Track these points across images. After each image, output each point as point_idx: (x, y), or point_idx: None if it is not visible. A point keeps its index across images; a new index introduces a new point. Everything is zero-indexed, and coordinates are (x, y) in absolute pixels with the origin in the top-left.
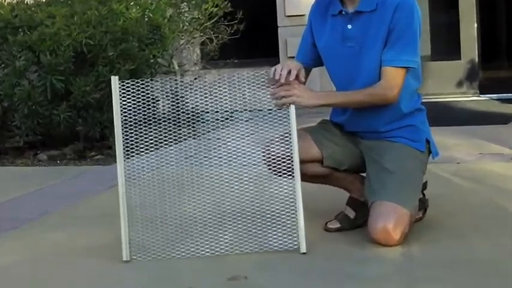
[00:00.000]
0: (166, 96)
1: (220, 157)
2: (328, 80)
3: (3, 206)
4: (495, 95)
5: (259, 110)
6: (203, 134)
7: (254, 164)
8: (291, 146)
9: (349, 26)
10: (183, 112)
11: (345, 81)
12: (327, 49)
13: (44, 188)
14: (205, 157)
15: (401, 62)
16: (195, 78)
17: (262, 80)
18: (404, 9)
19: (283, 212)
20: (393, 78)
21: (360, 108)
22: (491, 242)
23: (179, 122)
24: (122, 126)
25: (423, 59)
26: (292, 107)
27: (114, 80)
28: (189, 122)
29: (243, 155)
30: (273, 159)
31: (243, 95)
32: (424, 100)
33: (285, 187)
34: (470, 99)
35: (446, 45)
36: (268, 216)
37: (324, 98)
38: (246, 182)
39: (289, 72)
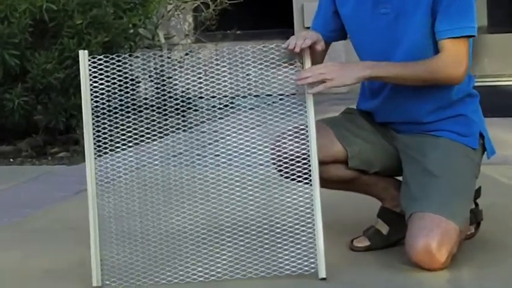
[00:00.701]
0: (150, 76)
1: (217, 155)
2: (355, 57)
3: None
4: None
5: (267, 96)
6: (196, 125)
7: (261, 165)
8: (307, 142)
9: None
10: (170, 97)
11: (376, 59)
12: (354, 17)
13: None
14: (198, 155)
15: (460, 31)
16: (186, 54)
17: (273, 56)
18: None
19: (297, 226)
20: (456, 52)
21: (399, 89)
22: None
23: (165, 110)
24: (93, 114)
25: (478, 31)
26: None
27: (83, 56)
28: (178, 110)
29: (247, 153)
30: (285, 158)
31: (247, 75)
32: (477, 84)
33: (300, 194)
34: None
35: (508, 13)
36: (278, 231)
37: (369, 67)
38: (250, 187)
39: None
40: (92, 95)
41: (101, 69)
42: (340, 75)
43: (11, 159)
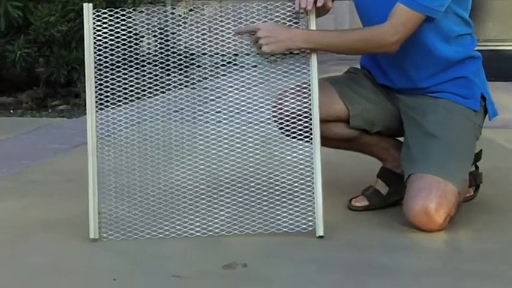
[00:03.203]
0: (153, 32)
1: (218, 112)
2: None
3: None
4: None
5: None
6: (198, 81)
7: (262, 122)
8: (309, 100)
9: None
10: (173, 53)
11: (376, 20)
12: None
13: None
14: (199, 111)
15: (417, 6)
16: (190, 10)
17: (277, 14)
18: None
19: (296, 185)
20: (401, 20)
21: (397, 55)
22: None
23: (168, 66)
24: (95, 68)
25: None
26: (314, 54)
27: (87, 9)
28: (180, 66)
29: (248, 110)
30: (286, 116)
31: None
32: (481, 48)
33: (300, 152)
34: None
35: None
36: (277, 188)
37: (304, 41)
38: (250, 145)
39: None
40: (95, 48)
41: (105, 23)
42: (274, 41)
43: (11, 111)
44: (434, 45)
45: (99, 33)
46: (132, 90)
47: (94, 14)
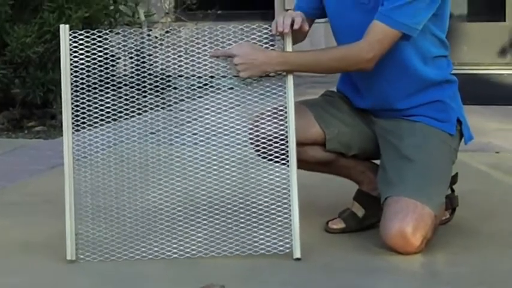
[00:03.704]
0: (129, 53)
1: (195, 134)
2: (334, 41)
3: None
4: None
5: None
6: (174, 103)
7: (238, 144)
8: (286, 123)
9: None
10: (149, 75)
11: (352, 40)
12: (334, 3)
13: None
14: (176, 133)
15: (395, 24)
16: (166, 32)
17: (253, 37)
18: None
19: (273, 207)
20: (377, 37)
21: (374, 76)
22: None
23: (144, 88)
24: (72, 89)
25: (457, 19)
26: (290, 75)
27: (64, 30)
28: (157, 88)
29: (225, 132)
30: (263, 139)
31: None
32: (457, 71)
33: (277, 175)
34: None
35: (487, 2)
36: (254, 210)
37: (280, 64)
38: (227, 167)
39: (293, 22)
40: (71, 69)
41: (81, 44)
42: (251, 67)
43: None
44: (412, 64)
45: (76, 54)
46: (108, 112)
47: (70, 35)
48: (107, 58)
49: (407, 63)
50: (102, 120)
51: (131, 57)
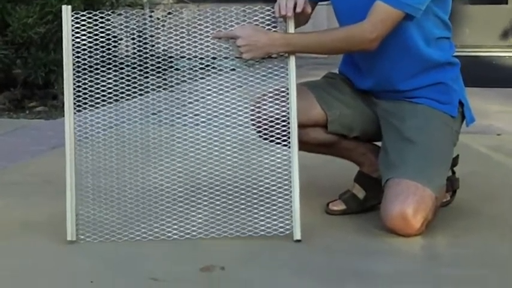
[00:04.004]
0: (131, 34)
1: (196, 115)
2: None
3: None
4: None
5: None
6: (176, 84)
7: (240, 126)
8: (287, 104)
9: None
10: (151, 56)
11: (354, 21)
12: None
13: None
14: (177, 114)
15: (394, 2)
16: (168, 14)
17: (256, 18)
18: None
19: (274, 188)
20: (380, 17)
21: (377, 57)
22: None
23: (146, 69)
24: (74, 70)
25: (459, 2)
26: (292, 57)
27: (66, 11)
28: (158, 68)
29: (226, 114)
30: (264, 120)
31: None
32: (459, 54)
33: (278, 156)
34: None
35: None
36: (254, 192)
37: (284, 45)
38: (228, 148)
39: (296, 5)
40: (73, 50)
41: (83, 25)
42: (254, 48)
43: None
44: (415, 44)
45: (78, 35)
46: (110, 93)
47: (72, 16)
48: (108, 39)
49: (410, 44)
50: (103, 101)
51: (133, 39)
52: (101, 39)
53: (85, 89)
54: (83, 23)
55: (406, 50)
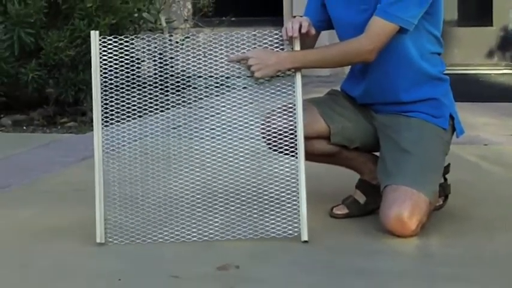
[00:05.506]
0: (152, 56)
1: (212, 128)
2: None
3: None
4: None
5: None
6: (194, 101)
7: (251, 138)
8: (294, 119)
9: None
10: (171, 76)
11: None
12: (338, 11)
13: (8, 158)
14: (195, 128)
15: (393, 18)
16: (186, 38)
17: (265, 41)
18: None
19: (283, 194)
20: (376, 31)
21: (380, 71)
22: None
23: (166, 87)
24: (101, 89)
25: (449, 24)
26: (298, 74)
27: (94, 36)
28: (177, 87)
29: (239, 127)
30: (273, 133)
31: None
32: (449, 71)
33: (287, 165)
34: (502, 72)
35: (476, 8)
36: (265, 198)
37: (290, 62)
38: (241, 158)
39: (301, 26)
40: (100, 71)
41: (110, 48)
42: (264, 67)
43: (24, 127)
44: (410, 56)
45: (104, 57)
46: (134, 109)
47: (100, 40)
48: (132, 61)
49: (406, 56)
50: (128, 116)
51: (154, 60)
52: (126, 61)
53: (111, 106)
54: (109, 46)
55: (403, 62)
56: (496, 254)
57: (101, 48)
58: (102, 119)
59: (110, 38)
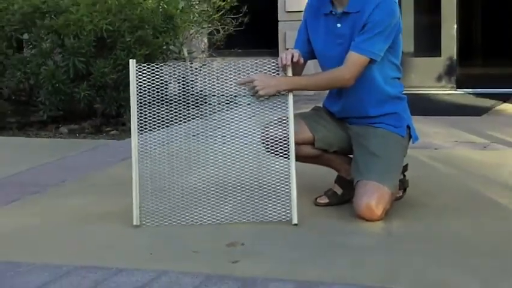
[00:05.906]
0: (177, 79)
1: (223, 136)
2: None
3: (27, 173)
4: (470, 89)
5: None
6: (209, 114)
7: (254, 143)
8: (287, 129)
9: (339, 25)
10: (191, 94)
11: (333, 66)
12: (320, 46)
13: (64, 158)
14: (210, 135)
15: (366, 52)
16: (203, 65)
17: (265, 67)
18: (382, 7)
19: (278, 187)
20: (352, 63)
21: (353, 93)
22: (469, 221)
23: (187, 104)
24: (137, 104)
25: (407, 55)
26: (291, 94)
27: (132, 63)
28: (196, 103)
29: (244, 135)
30: (271, 140)
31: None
32: (407, 92)
33: (281, 165)
34: (448, 92)
35: (428, 43)
36: (265, 189)
37: (286, 84)
38: (246, 158)
39: (292, 56)
40: (136, 91)
41: (144, 73)
42: (266, 87)
43: (77, 135)
44: (377, 82)
45: (140, 80)
46: (162, 120)
47: (136, 67)
48: (161, 83)
49: (373, 81)
50: (158, 126)
51: (178, 82)
52: (156, 83)
53: (145, 118)
54: (143, 72)
55: (371, 85)
56: (446, 234)
57: (137, 73)
58: (138, 128)
59: (144, 65)
